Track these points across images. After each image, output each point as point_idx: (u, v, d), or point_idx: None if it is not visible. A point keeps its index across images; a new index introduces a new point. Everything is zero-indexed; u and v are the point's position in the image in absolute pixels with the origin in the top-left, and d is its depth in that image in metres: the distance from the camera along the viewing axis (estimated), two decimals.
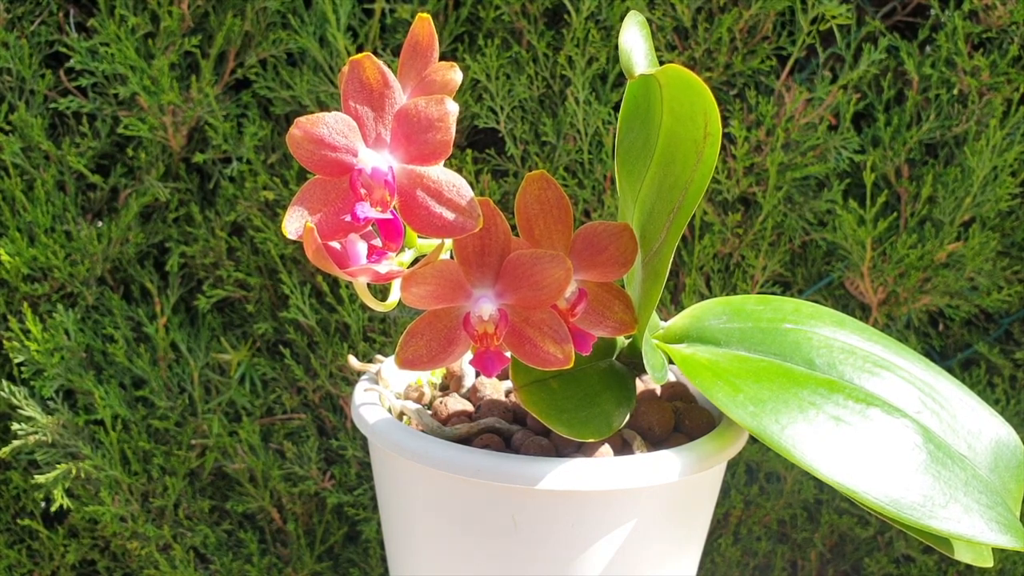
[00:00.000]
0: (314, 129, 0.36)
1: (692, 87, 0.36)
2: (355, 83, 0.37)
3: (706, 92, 0.36)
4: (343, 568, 0.95)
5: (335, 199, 0.37)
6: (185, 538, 0.91)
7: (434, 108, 0.36)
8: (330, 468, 0.90)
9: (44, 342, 0.85)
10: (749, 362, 0.45)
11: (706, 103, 0.37)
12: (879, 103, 0.83)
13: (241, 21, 0.83)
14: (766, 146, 0.82)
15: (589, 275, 0.42)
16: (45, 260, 0.85)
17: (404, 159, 0.37)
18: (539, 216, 0.41)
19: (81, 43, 0.83)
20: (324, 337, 0.88)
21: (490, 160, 0.85)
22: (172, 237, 0.88)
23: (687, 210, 0.41)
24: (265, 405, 0.90)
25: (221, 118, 0.84)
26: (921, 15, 0.84)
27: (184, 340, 0.89)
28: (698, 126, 0.38)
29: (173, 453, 0.90)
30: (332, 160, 0.37)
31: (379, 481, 0.49)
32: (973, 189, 0.79)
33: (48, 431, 0.86)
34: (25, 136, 0.84)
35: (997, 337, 0.88)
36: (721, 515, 0.92)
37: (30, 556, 0.95)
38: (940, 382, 0.46)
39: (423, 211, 0.37)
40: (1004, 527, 0.40)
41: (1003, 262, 0.84)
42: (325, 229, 0.37)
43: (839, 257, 0.85)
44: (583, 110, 0.81)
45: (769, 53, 0.81)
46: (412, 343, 0.41)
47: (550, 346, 0.40)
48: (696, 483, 0.45)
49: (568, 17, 0.81)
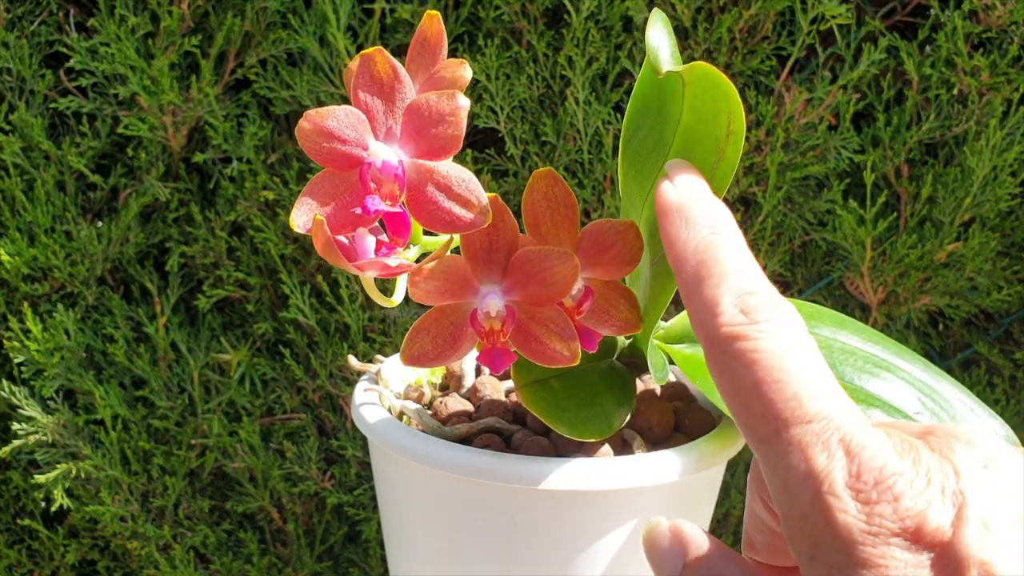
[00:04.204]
0: (324, 122, 0.36)
1: (718, 85, 0.36)
2: (365, 76, 0.37)
3: (732, 91, 0.36)
4: (343, 568, 0.95)
5: (344, 192, 0.37)
6: (185, 538, 0.91)
7: (446, 103, 0.36)
8: (330, 468, 0.90)
9: (44, 342, 0.85)
10: None
11: (731, 102, 0.37)
12: (879, 103, 0.83)
13: (241, 21, 0.83)
14: (766, 146, 0.82)
15: (595, 273, 0.42)
16: (45, 260, 0.85)
17: (414, 153, 0.37)
18: (546, 213, 0.41)
19: (81, 43, 0.83)
20: (324, 337, 0.88)
21: (490, 160, 0.85)
22: (172, 237, 0.88)
23: None
24: (265, 405, 0.90)
25: (221, 118, 0.84)
26: (921, 15, 0.84)
27: (184, 340, 0.89)
28: (721, 124, 0.37)
29: (173, 453, 0.90)
30: (342, 153, 0.37)
31: (379, 481, 0.49)
32: (973, 189, 0.79)
33: (48, 431, 0.86)
34: (25, 136, 0.84)
35: (997, 337, 0.88)
36: (721, 515, 0.92)
37: (30, 556, 0.95)
38: (940, 383, 0.46)
39: (432, 206, 0.37)
40: None
41: (1003, 262, 0.84)
42: (334, 222, 0.37)
43: (839, 257, 0.85)
44: (583, 110, 0.81)
45: (769, 53, 0.81)
46: (418, 339, 0.40)
47: (557, 343, 0.40)
48: (696, 483, 0.45)
49: (568, 17, 0.81)
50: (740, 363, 0.26)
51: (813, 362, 0.26)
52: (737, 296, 0.27)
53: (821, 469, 0.24)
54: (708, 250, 0.29)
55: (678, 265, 0.29)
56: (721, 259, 0.28)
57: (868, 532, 0.23)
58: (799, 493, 0.24)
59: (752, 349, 0.26)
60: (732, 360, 0.26)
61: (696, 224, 0.30)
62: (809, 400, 0.25)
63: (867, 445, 0.24)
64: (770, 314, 0.27)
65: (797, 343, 0.26)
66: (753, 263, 0.29)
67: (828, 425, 0.25)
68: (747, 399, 0.26)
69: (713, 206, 0.30)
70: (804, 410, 0.25)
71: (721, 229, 0.29)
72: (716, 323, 0.27)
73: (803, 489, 0.24)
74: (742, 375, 0.26)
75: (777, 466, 0.25)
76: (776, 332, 0.26)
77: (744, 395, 0.26)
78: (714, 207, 0.30)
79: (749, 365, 0.26)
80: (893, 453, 0.24)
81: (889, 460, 0.24)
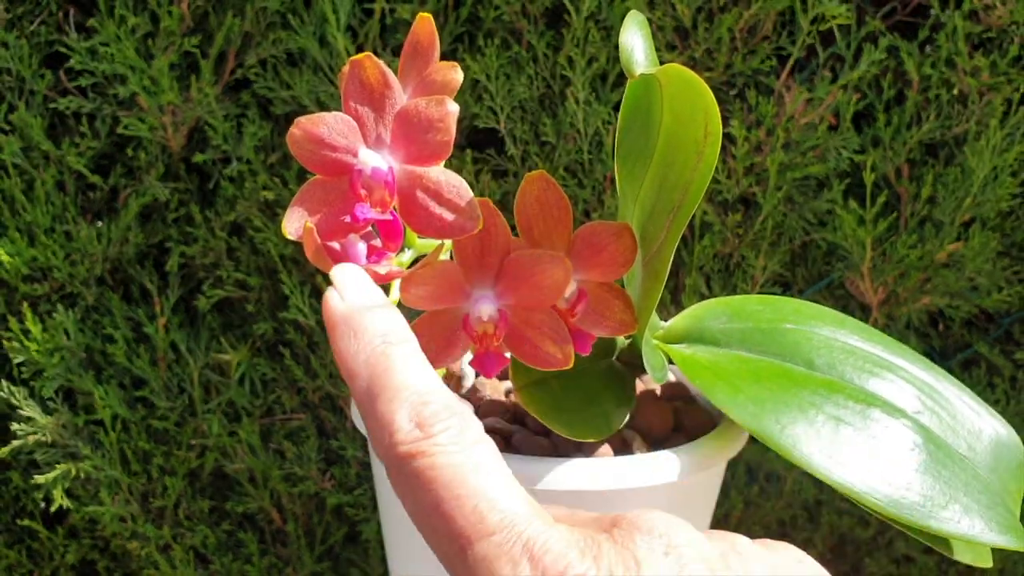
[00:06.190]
0: (314, 129, 0.36)
1: (692, 87, 0.36)
2: (355, 83, 0.37)
3: (706, 92, 0.36)
4: (343, 568, 0.95)
5: (335, 199, 0.37)
6: (185, 538, 0.91)
7: (435, 109, 0.36)
8: (330, 468, 0.90)
9: (44, 342, 0.85)
10: (749, 362, 0.45)
11: (706, 103, 0.37)
12: (879, 103, 0.82)
13: (241, 21, 0.83)
14: (766, 146, 0.82)
15: (589, 275, 0.42)
16: (45, 260, 0.85)
17: (404, 159, 0.37)
18: (539, 217, 0.41)
19: (81, 43, 0.83)
20: (324, 337, 0.87)
21: (490, 160, 0.85)
22: (172, 237, 0.88)
23: (687, 210, 0.41)
24: (265, 405, 0.90)
25: (221, 118, 0.84)
26: (921, 15, 0.84)
27: (184, 340, 0.89)
28: (698, 126, 0.38)
29: (173, 453, 0.90)
30: (332, 160, 0.37)
31: (379, 481, 0.49)
32: (973, 189, 0.79)
33: (48, 431, 0.86)
34: (25, 136, 0.84)
35: (997, 337, 0.88)
36: (721, 515, 0.92)
37: (30, 556, 0.95)
38: (941, 382, 0.46)
39: (423, 212, 0.37)
40: (1004, 527, 0.40)
41: (1003, 262, 0.84)
42: (325, 229, 0.37)
43: (839, 257, 0.85)
44: (583, 110, 0.81)
45: (769, 53, 0.81)
46: None
47: (550, 347, 0.40)
48: (696, 483, 0.45)
49: (568, 17, 0.81)
50: (419, 483, 0.26)
51: (491, 470, 0.26)
52: (412, 409, 0.27)
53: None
54: (380, 363, 0.28)
55: (351, 381, 0.28)
56: (393, 372, 0.28)
57: None
58: None
59: (429, 467, 0.26)
60: (411, 480, 0.26)
61: (366, 335, 0.29)
62: (489, 512, 0.25)
63: (549, 549, 0.25)
64: (446, 423, 0.27)
65: (473, 451, 0.26)
66: (427, 371, 0.28)
67: (510, 534, 0.25)
68: (430, 520, 0.26)
69: (383, 312, 0.30)
70: (485, 524, 0.25)
71: (392, 338, 0.29)
72: (392, 442, 0.26)
73: None
74: (422, 496, 0.26)
75: None
76: (451, 443, 0.26)
77: (427, 516, 0.26)
78: (384, 313, 0.30)
79: (427, 484, 0.26)
80: (576, 552, 0.25)
81: (572, 561, 0.24)
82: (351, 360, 0.29)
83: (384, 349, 0.28)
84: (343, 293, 0.31)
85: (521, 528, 0.25)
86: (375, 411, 0.27)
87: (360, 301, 0.30)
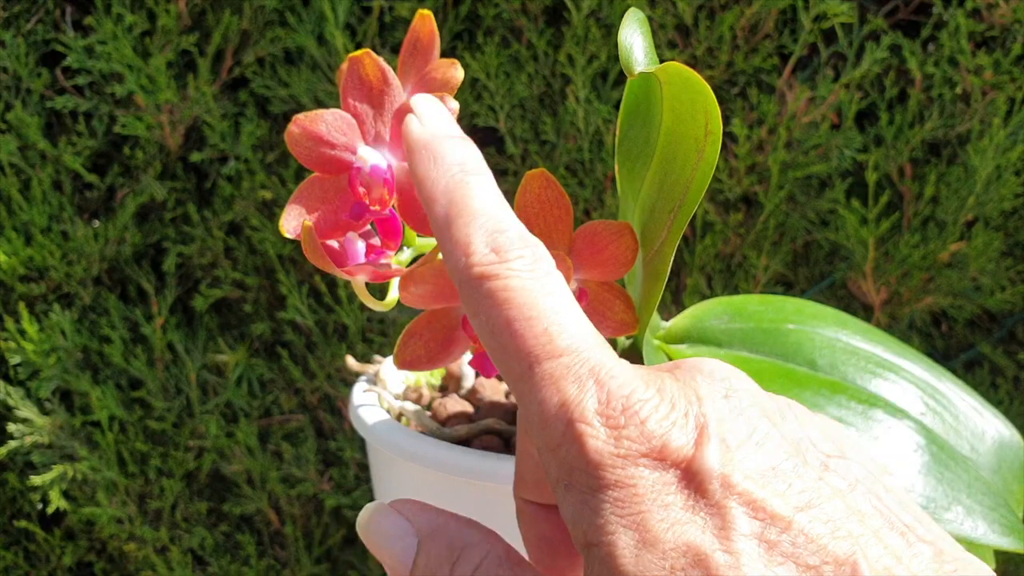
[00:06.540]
0: (313, 126, 0.36)
1: (692, 85, 0.36)
2: (354, 80, 0.36)
3: (707, 90, 0.36)
4: (341, 570, 0.94)
5: (333, 197, 0.37)
6: (182, 540, 0.91)
7: None
8: (328, 470, 0.90)
9: (40, 343, 0.84)
10: (751, 363, 0.45)
11: (707, 101, 0.36)
12: (882, 102, 0.82)
13: (239, 19, 0.83)
14: (768, 145, 0.81)
15: (589, 274, 0.42)
16: (41, 260, 0.85)
17: (403, 157, 0.37)
18: (539, 215, 0.40)
19: (78, 41, 0.82)
20: (322, 338, 0.87)
21: (490, 159, 0.85)
22: (169, 237, 0.88)
23: (688, 209, 0.40)
24: (263, 406, 0.90)
25: (218, 117, 0.83)
26: (924, 13, 0.84)
27: (181, 341, 0.88)
28: (699, 124, 0.37)
29: (170, 454, 0.89)
30: (331, 158, 0.36)
31: (377, 483, 0.49)
32: (976, 188, 0.79)
33: (44, 432, 0.86)
34: (21, 135, 0.84)
35: (1000, 338, 0.88)
36: None
37: (27, 558, 0.95)
38: (943, 383, 0.46)
39: (421, 210, 0.37)
40: (1007, 529, 0.40)
41: (1007, 262, 0.83)
42: (323, 227, 0.37)
43: (841, 257, 0.85)
44: (583, 108, 0.80)
45: (771, 51, 0.81)
46: (411, 344, 0.40)
47: None
48: None
49: (568, 15, 0.80)
50: (492, 303, 0.26)
51: (562, 298, 0.27)
52: (488, 235, 0.27)
53: (572, 399, 0.25)
54: (458, 189, 0.29)
55: (428, 205, 0.29)
56: (471, 198, 0.28)
57: (617, 455, 0.24)
58: (553, 425, 0.25)
59: (503, 288, 0.26)
60: (485, 300, 0.27)
61: (445, 163, 0.29)
62: (559, 336, 0.26)
63: (616, 375, 0.25)
64: (520, 252, 0.27)
65: (546, 280, 0.27)
66: (502, 202, 0.29)
67: (578, 358, 0.25)
68: (500, 338, 0.26)
69: (462, 144, 0.30)
70: (554, 345, 0.26)
71: (470, 167, 0.29)
72: (468, 263, 0.27)
73: (556, 420, 0.25)
74: (495, 314, 0.26)
75: (532, 401, 0.25)
76: (526, 270, 0.27)
77: (498, 335, 0.26)
78: (463, 145, 0.30)
79: (501, 304, 0.26)
80: (640, 382, 0.25)
81: (636, 388, 0.25)
82: (431, 185, 0.29)
83: (463, 177, 0.29)
84: (423, 120, 0.31)
85: (588, 354, 0.26)
86: (452, 234, 0.28)
87: (439, 130, 0.31)
